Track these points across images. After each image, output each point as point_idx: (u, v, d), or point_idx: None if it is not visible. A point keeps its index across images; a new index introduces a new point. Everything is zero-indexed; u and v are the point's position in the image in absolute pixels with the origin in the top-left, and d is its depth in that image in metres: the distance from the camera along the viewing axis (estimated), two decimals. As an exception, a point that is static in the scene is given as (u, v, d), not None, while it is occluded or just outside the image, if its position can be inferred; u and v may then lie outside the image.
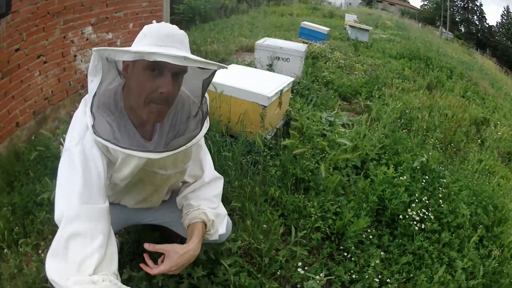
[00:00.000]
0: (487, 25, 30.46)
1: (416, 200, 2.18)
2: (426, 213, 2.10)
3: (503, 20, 30.11)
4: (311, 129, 2.82)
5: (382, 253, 1.87)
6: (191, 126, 1.11)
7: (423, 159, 2.54)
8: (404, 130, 3.38)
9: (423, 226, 2.03)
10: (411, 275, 1.80)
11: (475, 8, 30.97)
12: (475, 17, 30.92)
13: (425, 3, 35.06)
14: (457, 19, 30.72)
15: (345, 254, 1.87)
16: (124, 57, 0.89)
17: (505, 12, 30.29)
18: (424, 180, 2.39)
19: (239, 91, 2.55)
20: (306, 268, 1.73)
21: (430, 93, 4.86)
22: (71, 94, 3.47)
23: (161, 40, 0.94)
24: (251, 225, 1.81)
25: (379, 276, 1.73)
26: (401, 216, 2.07)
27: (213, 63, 0.94)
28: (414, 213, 2.06)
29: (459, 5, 31.14)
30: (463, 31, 30.63)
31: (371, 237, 1.97)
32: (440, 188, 2.33)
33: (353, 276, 1.73)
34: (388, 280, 1.72)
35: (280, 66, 4.25)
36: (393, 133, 3.06)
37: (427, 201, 2.18)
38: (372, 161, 2.58)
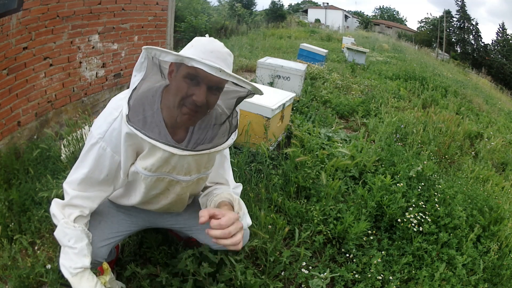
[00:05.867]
0: (482, 44, 29.93)
1: (413, 205, 2.28)
2: (423, 216, 2.19)
3: (498, 37, 29.50)
4: (311, 143, 2.95)
5: (382, 252, 1.95)
6: (218, 134, 1.16)
7: (418, 168, 2.66)
8: (399, 144, 3.50)
9: (421, 229, 2.12)
10: (412, 274, 1.87)
11: (471, 28, 30.52)
12: (471, 36, 30.46)
13: (422, 25, 35.28)
14: (453, 39, 30.43)
15: (347, 256, 1.96)
16: (167, 57, 0.95)
17: (500, 29, 29.84)
18: (420, 187, 2.49)
19: (244, 103, 2.68)
20: (310, 267, 1.82)
21: (425, 110, 4.98)
22: (74, 101, 3.48)
23: (205, 53, 1.00)
24: (257, 226, 1.90)
25: (381, 275, 1.80)
26: (399, 220, 2.17)
27: (247, 82, 0.97)
28: (412, 216, 2.16)
29: (455, 25, 30.83)
30: (459, 51, 30.30)
31: (371, 238, 2.06)
32: (436, 194, 2.43)
33: (356, 276, 1.81)
34: (390, 278, 1.79)
35: (281, 84, 4.36)
36: (389, 146, 3.19)
37: (423, 206, 2.28)
38: (370, 172, 2.70)
